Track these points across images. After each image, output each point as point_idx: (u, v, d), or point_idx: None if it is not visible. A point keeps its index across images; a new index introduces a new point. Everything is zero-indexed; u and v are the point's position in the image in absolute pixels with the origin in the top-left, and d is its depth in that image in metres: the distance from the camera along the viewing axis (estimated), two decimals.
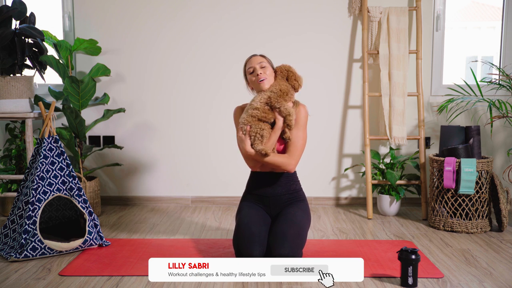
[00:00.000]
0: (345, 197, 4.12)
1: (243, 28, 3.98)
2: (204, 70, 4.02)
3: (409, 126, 4.03)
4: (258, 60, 2.75)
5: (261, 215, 2.73)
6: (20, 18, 3.56)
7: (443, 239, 3.21)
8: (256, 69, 2.72)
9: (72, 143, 3.66)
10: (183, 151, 4.10)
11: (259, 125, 2.62)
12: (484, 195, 3.36)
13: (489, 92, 3.94)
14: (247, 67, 2.77)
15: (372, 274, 2.56)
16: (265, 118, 2.63)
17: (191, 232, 3.36)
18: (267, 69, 2.73)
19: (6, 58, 3.52)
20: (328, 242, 3.13)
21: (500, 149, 4.05)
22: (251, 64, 2.75)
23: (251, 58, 2.78)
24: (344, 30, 3.98)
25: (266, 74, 2.71)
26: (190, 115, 4.07)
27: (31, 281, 2.50)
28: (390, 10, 3.86)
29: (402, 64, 3.82)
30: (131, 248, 2.99)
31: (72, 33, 3.99)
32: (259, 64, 2.73)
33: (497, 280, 2.53)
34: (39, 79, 3.87)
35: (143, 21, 4.00)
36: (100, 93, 4.01)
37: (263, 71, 2.71)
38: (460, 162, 3.31)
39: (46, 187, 2.88)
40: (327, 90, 4.03)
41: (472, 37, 7.12)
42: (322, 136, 4.05)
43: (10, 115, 3.55)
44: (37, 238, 2.78)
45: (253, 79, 2.73)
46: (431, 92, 4.03)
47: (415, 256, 2.40)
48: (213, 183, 4.11)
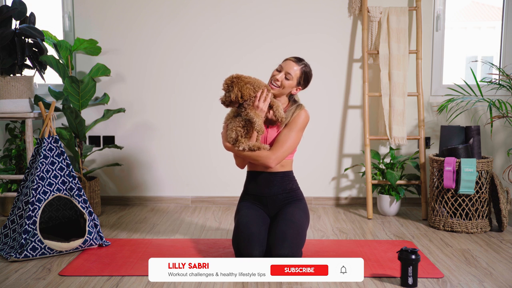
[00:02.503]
0: (345, 197, 4.12)
1: (243, 28, 3.98)
2: (204, 70, 4.02)
3: (409, 126, 4.03)
4: (292, 69, 2.70)
5: (259, 215, 2.73)
6: (20, 18, 3.56)
7: (443, 239, 3.21)
8: (280, 74, 2.70)
9: (72, 143, 3.66)
10: (183, 151, 4.10)
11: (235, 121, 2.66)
12: (484, 195, 3.36)
13: (489, 92, 3.94)
14: (282, 63, 2.74)
15: (372, 274, 2.56)
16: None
17: (191, 232, 3.36)
18: (288, 82, 2.70)
19: (6, 58, 3.52)
20: (328, 242, 3.13)
21: (500, 149, 4.05)
22: (284, 65, 2.72)
23: (292, 62, 2.72)
24: (344, 30, 3.98)
25: (284, 84, 2.69)
26: (190, 115, 4.07)
27: (31, 281, 2.51)
28: (390, 10, 3.86)
29: (402, 64, 3.82)
30: (131, 248, 2.99)
31: (72, 33, 3.99)
32: (288, 72, 2.69)
33: (497, 280, 2.53)
34: (39, 79, 3.87)
35: (143, 21, 4.00)
36: (100, 93, 4.01)
37: (283, 79, 2.69)
38: (460, 162, 3.31)
39: (46, 187, 2.88)
40: (327, 90, 4.03)
41: (472, 37, 7.11)
42: (322, 136, 4.05)
43: (10, 115, 3.55)
44: (37, 238, 2.78)
45: (272, 75, 2.73)
46: (431, 92, 4.03)
47: (415, 256, 2.40)
48: (213, 183, 4.11)
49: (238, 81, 2.61)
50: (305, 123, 2.74)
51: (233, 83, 2.61)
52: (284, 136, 2.68)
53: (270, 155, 2.64)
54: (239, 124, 2.63)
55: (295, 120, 2.71)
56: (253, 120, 2.58)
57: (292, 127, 2.70)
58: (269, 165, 2.65)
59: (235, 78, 2.62)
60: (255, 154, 2.64)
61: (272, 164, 2.65)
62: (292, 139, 2.68)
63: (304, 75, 2.74)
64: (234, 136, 2.64)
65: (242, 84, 2.59)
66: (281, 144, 2.67)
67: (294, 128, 2.70)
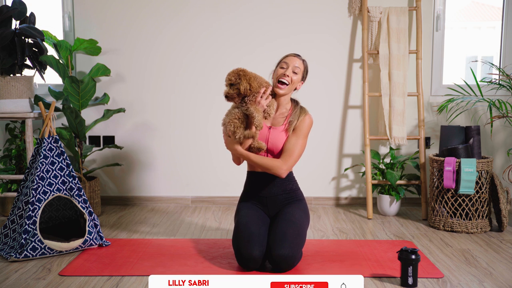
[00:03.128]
0: (345, 197, 4.12)
1: (243, 28, 3.98)
2: (204, 70, 4.02)
3: (409, 126, 4.03)
4: (297, 64, 2.73)
5: (259, 215, 2.73)
6: (20, 18, 3.56)
7: (443, 239, 3.21)
8: (289, 69, 2.71)
9: (72, 143, 3.66)
10: (183, 151, 4.10)
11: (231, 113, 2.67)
12: (484, 195, 3.36)
13: (489, 92, 3.94)
14: (283, 60, 2.75)
15: (372, 274, 2.56)
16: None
17: (191, 232, 3.36)
18: (296, 76, 2.73)
19: (6, 58, 3.52)
20: (328, 242, 3.13)
21: (500, 149, 4.05)
22: (288, 61, 2.73)
23: (294, 57, 2.75)
24: (344, 30, 3.98)
25: (293, 80, 2.71)
26: (190, 115, 4.07)
27: (31, 281, 2.50)
28: (390, 10, 3.86)
29: (402, 64, 3.82)
30: (131, 248, 2.99)
31: (72, 33, 3.99)
32: (295, 67, 2.72)
33: (497, 280, 2.53)
34: (39, 79, 3.87)
35: (143, 21, 4.00)
36: (100, 93, 4.01)
37: (292, 76, 2.71)
38: (460, 162, 3.31)
39: (46, 187, 2.88)
40: (327, 90, 4.03)
41: (472, 37, 7.12)
42: (322, 136, 4.05)
43: (10, 115, 3.55)
44: (37, 238, 2.78)
45: (279, 73, 2.72)
46: (431, 92, 4.03)
47: (415, 256, 2.40)
48: (213, 183, 4.11)
49: (245, 74, 2.63)
50: (310, 128, 2.76)
51: (240, 76, 2.63)
52: (293, 145, 2.70)
53: (281, 165, 2.66)
54: (235, 117, 2.65)
55: (301, 127, 2.71)
56: (253, 115, 2.60)
57: (299, 134, 2.71)
58: (281, 175, 2.68)
59: (241, 71, 2.64)
60: (267, 164, 2.66)
61: (284, 174, 2.68)
62: (300, 147, 2.71)
63: (306, 68, 2.80)
64: (233, 129, 2.65)
65: (249, 77, 2.63)
66: (291, 153, 2.68)
67: (301, 135, 2.71)
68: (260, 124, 2.61)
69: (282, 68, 2.73)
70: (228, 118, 2.67)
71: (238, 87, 2.61)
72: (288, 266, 2.56)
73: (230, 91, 2.64)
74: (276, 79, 2.73)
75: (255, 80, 2.63)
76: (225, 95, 2.67)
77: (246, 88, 2.61)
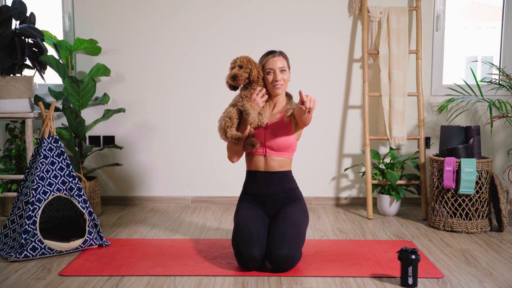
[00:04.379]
0: (345, 197, 4.12)
1: (244, 28, 3.98)
2: (204, 70, 4.02)
3: (409, 126, 4.03)
4: (280, 64, 2.71)
5: (259, 215, 2.73)
6: (20, 18, 3.56)
7: (443, 239, 3.21)
8: (277, 74, 2.70)
9: (72, 143, 3.66)
10: (183, 151, 4.10)
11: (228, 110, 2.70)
12: (484, 195, 3.36)
13: (489, 92, 3.94)
14: (266, 66, 2.72)
15: (372, 274, 2.56)
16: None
17: (191, 232, 3.36)
18: (286, 74, 2.73)
19: (6, 58, 3.52)
20: (328, 242, 3.13)
21: (500, 149, 4.05)
22: (272, 65, 2.71)
23: (273, 58, 2.72)
24: (344, 30, 3.98)
25: (284, 79, 2.72)
26: (190, 115, 4.07)
27: (31, 281, 2.50)
28: (390, 10, 3.86)
29: (402, 64, 3.82)
30: (131, 248, 2.99)
31: (72, 33, 3.99)
32: (280, 68, 2.71)
33: (497, 280, 2.53)
34: (39, 79, 3.87)
35: (143, 21, 4.00)
36: (100, 93, 4.01)
37: (282, 76, 2.71)
38: (460, 162, 3.31)
39: (46, 187, 2.88)
40: (327, 90, 4.03)
41: (472, 37, 7.12)
42: (322, 136, 4.05)
43: (10, 115, 3.55)
44: (37, 238, 2.78)
45: (270, 80, 2.72)
46: (431, 92, 4.03)
47: (415, 256, 2.40)
48: (213, 183, 4.11)
49: (254, 62, 2.70)
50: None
51: (251, 62, 2.68)
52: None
53: None
54: (229, 115, 2.67)
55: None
56: (248, 111, 2.62)
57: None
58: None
59: (249, 59, 2.69)
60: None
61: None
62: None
63: (287, 59, 2.79)
64: (224, 126, 2.67)
65: (258, 66, 2.69)
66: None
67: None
68: (255, 121, 2.63)
69: (269, 74, 2.72)
70: (223, 114, 2.71)
71: (247, 71, 2.64)
72: (288, 266, 2.56)
73: (240, 71, 2.65)
74: (268, 85, 2.74)
75: (261, 71, 2.69)
76: (233, 75, 2.66)
77: (256, 74, 2.66)
